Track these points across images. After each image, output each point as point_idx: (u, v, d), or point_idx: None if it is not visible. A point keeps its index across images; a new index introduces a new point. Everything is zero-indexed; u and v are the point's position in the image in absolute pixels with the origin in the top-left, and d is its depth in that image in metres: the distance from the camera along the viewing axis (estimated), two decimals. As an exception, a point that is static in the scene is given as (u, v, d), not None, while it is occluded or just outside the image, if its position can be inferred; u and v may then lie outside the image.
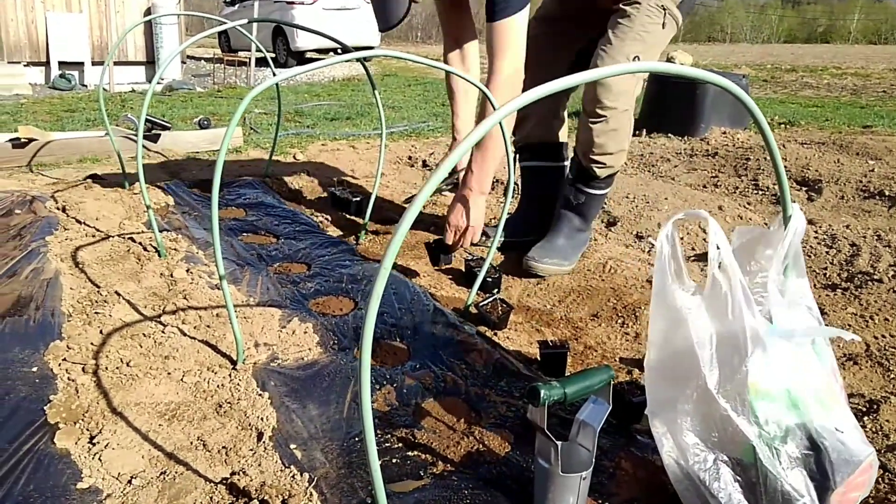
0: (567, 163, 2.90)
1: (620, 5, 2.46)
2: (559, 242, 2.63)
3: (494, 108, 2.16)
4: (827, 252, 2.77)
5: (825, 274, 2.61)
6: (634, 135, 5.72)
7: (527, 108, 2.51)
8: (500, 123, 2.13)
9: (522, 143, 2.89)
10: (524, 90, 2.79)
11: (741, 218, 3.34)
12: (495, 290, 2.36)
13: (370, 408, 0.99)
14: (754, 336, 1.29)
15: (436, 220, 3.17)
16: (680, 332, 1.35)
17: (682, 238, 3.00)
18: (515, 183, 2.83)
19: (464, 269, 2.56)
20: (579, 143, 2.56)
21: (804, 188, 3.88)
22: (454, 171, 2.85)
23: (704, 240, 3.00)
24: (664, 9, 2.43)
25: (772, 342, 1.32)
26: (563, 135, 2.89)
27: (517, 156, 2.92)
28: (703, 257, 2.86)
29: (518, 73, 2.40)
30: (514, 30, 2.34)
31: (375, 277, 0.93)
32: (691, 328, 1.34)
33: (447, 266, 2.64)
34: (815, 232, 2.98)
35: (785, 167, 1.25)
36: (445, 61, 2.74)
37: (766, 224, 3.27)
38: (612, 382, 1.34)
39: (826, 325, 2.16)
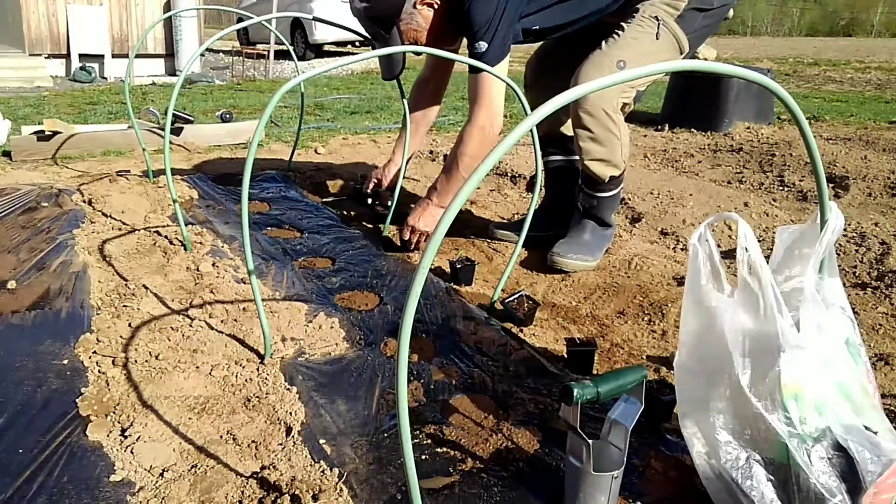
0: None
1: (620, 21, 2.51)
2: (583, 238, 2.63)
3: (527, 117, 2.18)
4: (856, 250, 2.74)
5: (855, 272, 2.58)
6: (657, 129, 5.68)
7: None
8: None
9: (542, 139, 2.90)
10: (536, 97, 2.85)
11: (767, 215, 3.31)
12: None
13: (406, 408, 0.99)
14: (786, 336, 1.28)
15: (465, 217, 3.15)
16: (712, 332, 1.34)
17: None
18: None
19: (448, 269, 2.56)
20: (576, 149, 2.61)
21: (831, 185, 3.83)
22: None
23: (731, 237, 2.97)
24: (657, 20, 2.46)
25: (803, 342, 1.31)
26: None
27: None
28: (728, 255, 2.83)
29: (492, 125, 2.54)
30: (491, 82, 2.48)
31: (413, 278, 0.92)
32: (723, 328, 1.33)
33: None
34: (844, 229, 2.94)
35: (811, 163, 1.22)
36: (413, 93, 3.10)
37: (792, 221, 3.23)
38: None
39: (857, 324, 2.13)
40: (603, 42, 2.49)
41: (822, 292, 1.41)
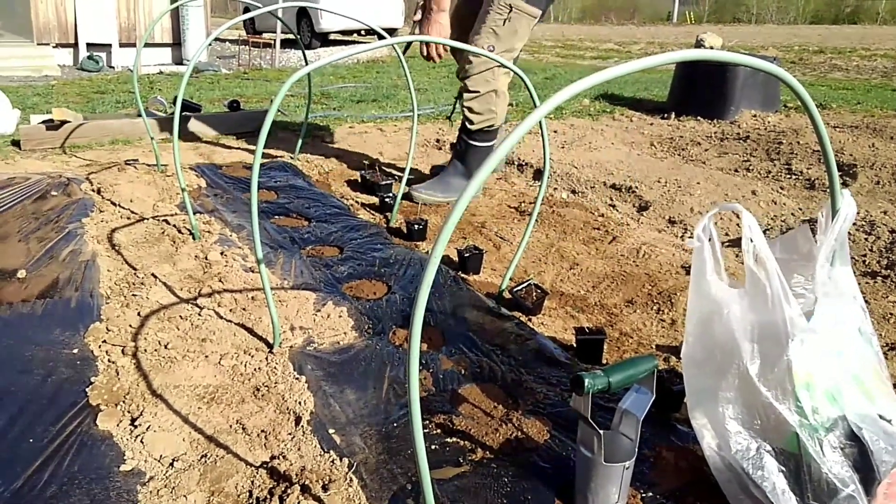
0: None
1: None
2: (446, 179, 3.25)
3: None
4: (866, 239, 2.72)
5: (864, 261, 2.57)
6: (663, 118, 5.65)
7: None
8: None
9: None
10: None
11: (775, 203, 3.29)
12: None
13: (418, 399, 0.98)
14: (794, 324, 1.27)
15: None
16: (719, 323, 1.34)
17: (715, 223, 2.96)
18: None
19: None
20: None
21: (838, 173, 3.80)
22: None
23: (738, 225, 2.95)
24: (511, 7, 2.91)
25: (814, 330, 1.30)
26: None
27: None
28: (737, 243, 2.82)
29: None
30: None
31: (426, 267, 0.92)
32: (731, 319, 1.32)
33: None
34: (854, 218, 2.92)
35: (819, 151, 1.20)
36: None
37: (800, 209, 3.21)
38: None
39: (868, 313, 2.12)
40: (478, 24, 2.98)
41: (834, 281, 1.40)
